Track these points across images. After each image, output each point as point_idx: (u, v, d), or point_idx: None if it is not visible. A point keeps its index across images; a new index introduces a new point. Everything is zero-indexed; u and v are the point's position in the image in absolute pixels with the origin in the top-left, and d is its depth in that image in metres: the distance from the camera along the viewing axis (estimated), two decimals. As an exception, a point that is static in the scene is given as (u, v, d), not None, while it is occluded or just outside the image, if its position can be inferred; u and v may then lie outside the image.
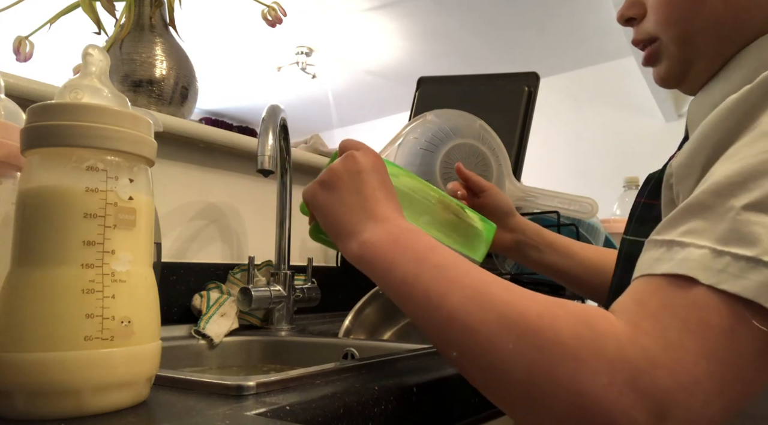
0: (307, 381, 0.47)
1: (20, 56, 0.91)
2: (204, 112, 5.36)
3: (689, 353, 0.32)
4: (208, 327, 0.81)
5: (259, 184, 1.10)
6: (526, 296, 0.39)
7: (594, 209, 0.92)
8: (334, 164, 0.53)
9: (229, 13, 3.53)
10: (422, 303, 0.42)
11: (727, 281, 0.33)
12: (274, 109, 0.84)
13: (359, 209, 0.50)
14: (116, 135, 0.38)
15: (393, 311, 0.95)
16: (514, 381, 0.36)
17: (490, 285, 0.40)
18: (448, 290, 0.41)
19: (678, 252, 0.35)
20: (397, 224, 0.49)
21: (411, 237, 0.48)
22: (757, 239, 0.33)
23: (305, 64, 4.36)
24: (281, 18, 1.01)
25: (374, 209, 0.50)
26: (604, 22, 3.55)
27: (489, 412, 0.57)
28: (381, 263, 0.47)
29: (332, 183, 0.52)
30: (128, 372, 0.38)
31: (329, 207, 0.52)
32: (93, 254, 0.37)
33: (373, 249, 0.48)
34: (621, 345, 0.33)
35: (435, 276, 0.43)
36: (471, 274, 0.42)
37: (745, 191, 0.34)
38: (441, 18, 3.66)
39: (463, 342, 0.39)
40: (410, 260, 0.45)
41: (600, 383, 0.32)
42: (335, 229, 0.52)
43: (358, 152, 0.53)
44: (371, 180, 0.52)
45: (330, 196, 0.52)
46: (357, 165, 0.52)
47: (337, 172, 0.52)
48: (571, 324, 0.35)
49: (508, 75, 1.13)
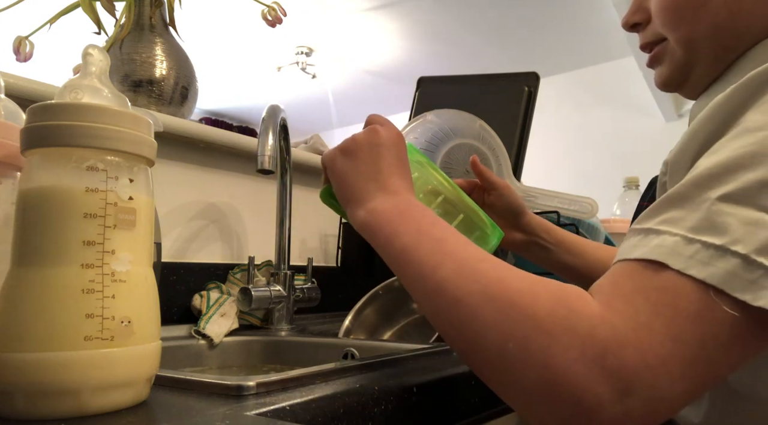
0: (307, 381, 0.47)
1: (20, 56, 0.91)
2: (204, 112, 5.35)
3: (657, 334, 0.33)
4: (208, 327, 0.81)
5: (259, 184, 1.10)
6: (513, 274, 0.40)
7: (594, 209, 0.92)
8: (357, 135, 0.55)
9: (229, 13, 3.53)
10: (416, 272, 0.45)
11: (695, 267, 0.34)
12: (274, 109, 0.84)
13: (372, 179, 0.53)
14: (116, 135, 0.38)
15: (393, 311, 0.95)
16: (490, 350, 0.38)
17: (481, 261, 0.42)
18: (441, 262, 0.43)
19: (653, 239, 0.37)
20: (406, 198, 0.51)
21: (416, 211, 0.50)
22: (726, 229, 0.34)
23: (305, 64, 4.36)
24: (281, 18, 1.01)
25: (386, 182, 0.52)
26: (604, 22, 3.55)
27: (489, 412, 0.57)
28: (384, 231, 0.49)
29: (351, 151, 0.54)
30: (128, 372, 0.38)
31: (345, 173, 0.54)
32: (93, 254, 0.37)
33: (378, 217, 0.50)
34: (593, 323, 0.35)
35: (432, 249, 0.45)
36: (466, 249, 0.44)
37: (721, 183, 0.36)
38: (441, 18, 3.66)
39: (449, 312, 0.41)
40: (411, 232, 0.47)
41: (569, 357, 0.34)
42: (347, 195, 0.54)
43: (381, 127, 0.56)
44: (389, 155, 0.54)
45: (347, 163, 0.54)
46: (378, 138, 0.54)
47: (358, 142, 0.55)
48: (549, 302, 0.37)
49: (508, 75, 1.13)
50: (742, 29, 0.50)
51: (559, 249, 0.79)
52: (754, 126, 0.37)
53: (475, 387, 0.56)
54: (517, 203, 0.78)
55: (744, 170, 0.35)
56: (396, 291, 0.94)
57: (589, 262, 0.78)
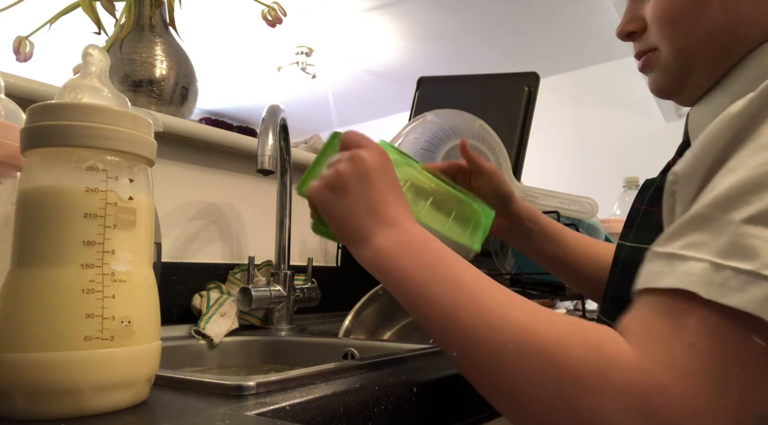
0: (307, 381, 0.47)
1: (20, 56, 0.91)
2: (204, 112, 5.36)
3: (695, 378, 0.33)
4: (208, 327, 0.81)
5: (259, 184, 1.10)
6: (542, 318, 0.39)
7: (594, 209, 0.92)
8: (341, 167, 0.52)
9: (229, 13, 3.53)
10: (438, 322, 0.43)
11: (727, 295, 0.33)
12: (274, 109, 0.84)
13: (369, 213, 0.50)
14: (116, 135, 0.38)
15: (393, 311, 0.94)
16: (534, 408, 0.37)
17: (503, 307, 0.41)
18: (463, 310, 0.41)
19: (678, 266, 0.35)
20: (407, 229, 0.49)
21: (420, 246, 0.48)
22: (756, 253, 0.33)
23: (305, 64, 4.36)
24: (281, 18, 1.01)
25: (384, 213, 0.50)
26: (604, 22, 3.55)
27: (489, 412, 0.57)
28: (394, 273, 0.47)
29: (340, 188, 0.51)
30: (128, 372, 0.38)
31: (339, 212, 0.51)
32: (93, 254, 0.37)
33: (385, 257, 0.48)
34: (631, 372, 0.34)
35: (447, 292, 0.43)
36: (484, 291, 0.42)
37: (745, 203, 0.35)
38: (441, 18, 3.66)
39: (481, 364, 0.40)
40: (422, 273, 0.45)
41: (612, 412, 0.34)
42: (346, 235, 0.51)
43: (363, 151, 0.52)
44: (380, 182, 0.51)
45: (339, 201, 0.51)
46: (364, 166, 0.51)
47: (344, 176, 0.51)
48: (586, 353, 0.36)
49: (508, 75, 1.13)
50: (741, 35, 0.50)
51: (541, 238, 0.77)
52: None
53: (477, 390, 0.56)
54: (506, 189, 0.76)
55: (766, 189, 0.34)
56: (396, 291, 0.94)
57: (568, 253, 0.77)
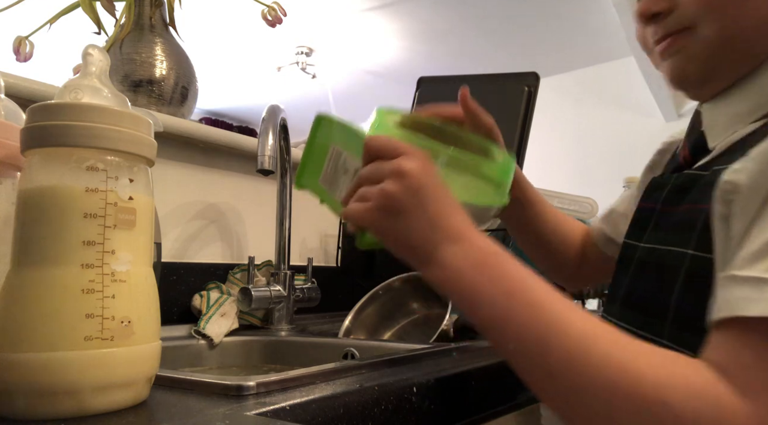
0: (307, 381, 0.47)
1: (20, 56, 0.91)
2: (204, 112, 5.35)
3: None
4: (208, 327, 0.81)
5: (259, 184, 1.10)
6: (637, 355, 0.37)
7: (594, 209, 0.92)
8: (390, 188, 0.46)
9: (229, 13, 3.52)
10: (518, 349, 0.40)
11: None
12: (274, 109, 0.84)
13: (430, 229, 0.46)
14: (116, 135, 0.38)
15: (393, 311, 0.95)
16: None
17: (595, 339, 0.38)
18: (547, 340, 0.39)
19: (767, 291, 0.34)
20: (476, 244, 0.45)
21: (494, 263, 0.44)
22: None
23: (305, 64, 4.36)
24: (281, 18, 1.01)
25: (447, 227, 0.46)
26: (604, 22, 3.55)
27: (489, 412, 0.57)
28: (467, 293, 0.44)
29: (395, 210, 0.46)
30: (128, 372, 0.38)
31: (399, 235, 0.47)
32: (93, 254, 0.37)
33: (456, 276, 0.44)
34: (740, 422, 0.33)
35: (529, 319, 0.40)
36: (570, 320, 0.39)
37: None
38: (441, 18, 3.66)
39: (568, 400, 0.38)
40: (499, 297, 0.42)
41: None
42: (409, 256, 0.48)
43: (405, 163, 0.47)
44: (434, 194, 0.47)
45: (396, 223, 0.47)
46: (416, 181, 0.46)
47: (397, 197, 0.46)
48: (689, 398, 0.34)
49: (508, 75, 1.13)
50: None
51: (522, 201, 0.72)
52: None
53: (475, 387, 0.56)
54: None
55: None
56: (396, 291, 0.94)
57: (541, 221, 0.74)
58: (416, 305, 0.94)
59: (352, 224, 0.51)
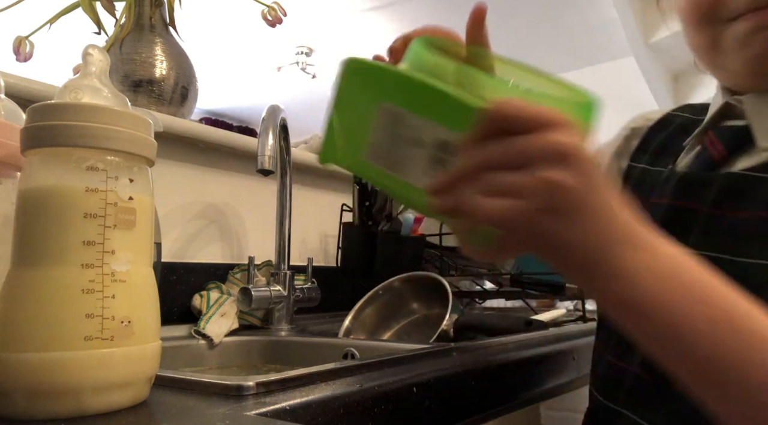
0: (307, 381, 0.47)
1: (20, 56, 0.91)
2: (204, 112, 5.35)
3: None
4: (208, 327, 0.81)
5: (259, 184, 1.10)
6: None
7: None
8: (559, 177, 0.34)
9: (229, 13, 3.52)
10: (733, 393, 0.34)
11: None
12: (274, 109, 0.84)
13: (608, 232, 0.36)
14: (116, 135, 0.38)
15: (393, 311, 0.95)
16: None
17: None
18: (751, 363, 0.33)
19: None
20: (666, 253, 0.36)
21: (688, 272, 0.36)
22: None
23: (305, 64, 4.36)
24: (281, 18, 1.01)
25: (623, 228, 0.36)
26: (604, 22, 3.55)
27: (489, 412, 0.57)
28: (660, 317, 0.35)
29: (566, 208, 0.35)
30: (128, 372, 0.38)
31: (570, 239, 0.36)
32: (93, 254, 0.37)
33: (641, 294, 0.35)
34: None
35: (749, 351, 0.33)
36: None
37: None
38: (441, 18, 3.66)
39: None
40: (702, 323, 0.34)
41: None
42: (579, 266, 0.37)
43: (566, 139, 0.35)
44: (608, 188, 0.37)
45: (567, 224, 0.35)
46: (585, 166, 0.35)
47: (569, 191, 0.34)
48: None
49: (508, 75, 1.13)
50: None
51: None
52: None
53: (475, 387, 0.56)
54: None
55: None
56: (396, 291, 0.94)
57: None
58: (416, 305, 0.94)
59: (462, 223, 0.39)
